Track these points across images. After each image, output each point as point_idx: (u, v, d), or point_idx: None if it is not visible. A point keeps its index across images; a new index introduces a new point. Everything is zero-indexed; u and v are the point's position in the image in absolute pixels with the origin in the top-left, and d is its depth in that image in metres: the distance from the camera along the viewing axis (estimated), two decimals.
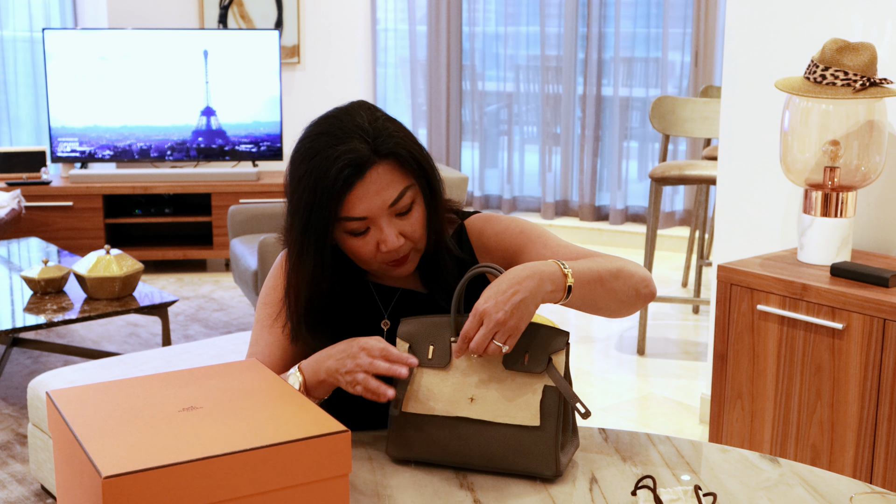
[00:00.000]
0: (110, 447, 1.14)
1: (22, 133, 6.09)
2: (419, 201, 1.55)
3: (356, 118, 1.51)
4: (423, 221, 1.56)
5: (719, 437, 2.73)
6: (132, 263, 3.74)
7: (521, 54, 6.61)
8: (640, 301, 1.59)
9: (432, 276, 1.63)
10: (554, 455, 1.41)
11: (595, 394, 3.79)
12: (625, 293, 1.55)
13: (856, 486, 1.42)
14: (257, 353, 1.62)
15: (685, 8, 6.03)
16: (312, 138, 1.52)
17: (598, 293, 1.52)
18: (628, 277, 1.56)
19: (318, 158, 1.49)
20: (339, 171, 1.46)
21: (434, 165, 1.58)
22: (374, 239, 1.52)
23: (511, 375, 1.43)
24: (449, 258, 1.63)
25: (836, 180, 2.61)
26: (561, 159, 6.49)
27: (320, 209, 1.48)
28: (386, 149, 1.49)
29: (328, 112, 1.55)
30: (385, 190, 1.49)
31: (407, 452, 1.46)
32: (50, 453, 2.85)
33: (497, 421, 1.43)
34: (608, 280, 1.53)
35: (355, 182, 1.47)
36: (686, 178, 4.14)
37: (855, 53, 2.47)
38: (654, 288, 1.61)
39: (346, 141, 1.48)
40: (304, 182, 1.50)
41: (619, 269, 1.55)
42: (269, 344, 1.62)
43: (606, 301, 1.55)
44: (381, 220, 1.51)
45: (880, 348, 2.36)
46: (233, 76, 5.61)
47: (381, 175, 1.49)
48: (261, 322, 1.64)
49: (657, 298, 4.24)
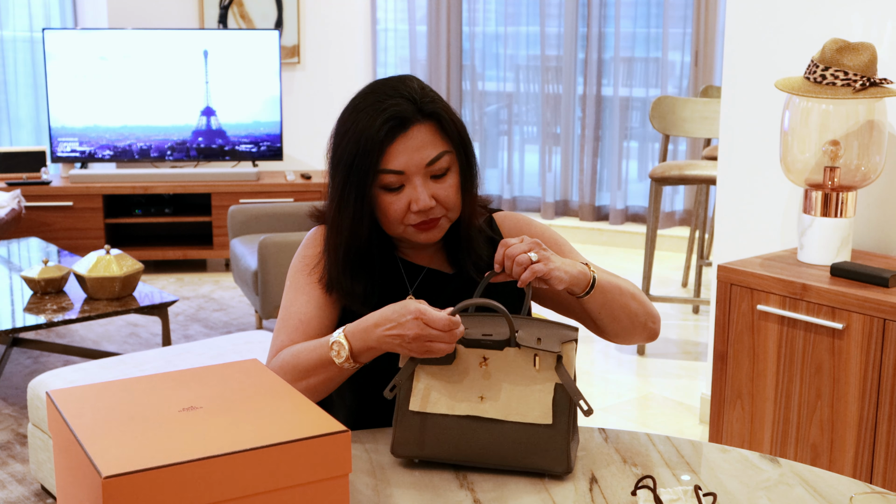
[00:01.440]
0: (110, 447, 1.14)
1: (22, 133, 6.09)
2: (455, 169, 1.60)
3: (406, 82, 1.59)
4: (458, 190, 1.61)
5: (719, 437, 2.73)
6: (132, 263, 3.74)
7: (521, 54, 6.61)
8: (644, 333, 1.67)
9: (462, 253, 1.66)
10: (566, 452, 1.42)
11: (595, 394, 3.80)
12: (637, 316, 1.64)
13: (856, 486, 1.42)
14: (293, 314, 1.63)
15: (685, 8, 6.03)
16: (362, 97, 1.60)
17: (616, 303, 1.60)
18: (644, 304, 1.65)
19: (365, 111, 1.56)
20: (384, 123, 1.53)
21: (472, 148, 1.64)
22: (407, 197, 1.57)
23: (522, 373, 1.43)
24: (481, 238, 1.68)
25: (836, 180, 2.61)
26: (561, 159, 6.49)
27: (363, 157, 1.55)
28: (430, 109, 1.57)
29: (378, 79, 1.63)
30: (425, 148, 1.56)
31: (413, 451, 1.45)
32: (50, 453, 2.85)
33: (509, 419, 1.43)
34: (627, 296, 1.62)
35: (398, 135, 1.54)
36: (686, 178, 4.14)
37: (855, 53, 2.47)
38: (659, 329, 1.70)
39: (393, 98, 1.56)
40: (350, 133, 1.57)
41: (637, 291, 1.65)
42: (305, 302, 1.63)
43: (620, 314, 1.62)
44: (417, 178, 1.56)
45: (880, 348, 2.36)
46: (233, 76, 5.61)
47: (423, 133, 1.56)
48: (294, 286, 1.66)
49: (657, 298, 4.24)
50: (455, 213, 1.62)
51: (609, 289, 1.59)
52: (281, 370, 1.55)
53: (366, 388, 1.62)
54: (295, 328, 1.62)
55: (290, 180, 5.59)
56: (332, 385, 1.54)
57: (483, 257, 1.66)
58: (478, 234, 1.67)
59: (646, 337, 1.68)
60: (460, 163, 1.61)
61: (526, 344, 1.42)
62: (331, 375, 1.51)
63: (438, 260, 1.70)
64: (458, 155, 1.60)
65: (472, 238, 1.66)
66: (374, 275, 1.64)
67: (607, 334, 1.66)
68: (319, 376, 1.52)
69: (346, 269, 1.62)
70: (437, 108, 1.57)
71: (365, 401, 1.65)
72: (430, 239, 1.62)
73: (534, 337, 1.44)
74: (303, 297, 1.64)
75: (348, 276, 1.62)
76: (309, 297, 1.64)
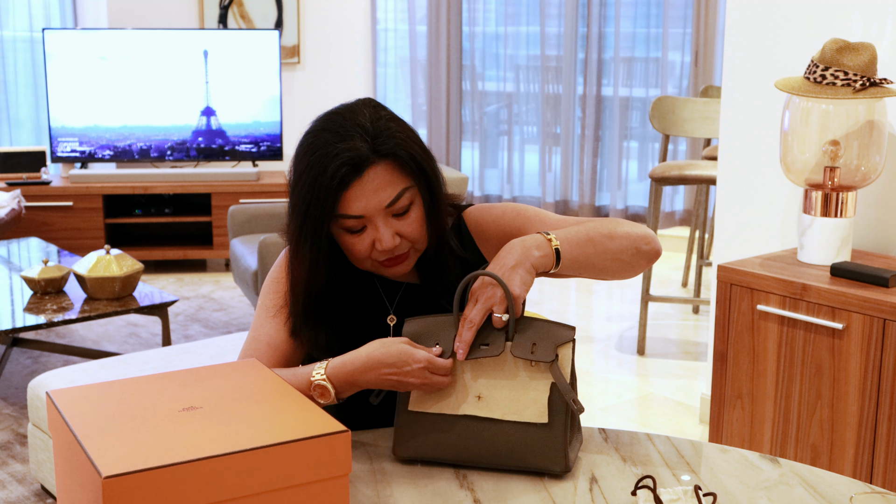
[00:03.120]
0: (110, 447, 1.14)
1: (22, 133, 6.09)
2: (418, 202, 1.55)
3: (359, 117, 1.51)
4: (423, 222, 1.55)
5: (719, 437, 2.73)
6: (132, 263, 3.74)
7: (521, 54, 6.61)
8: (642, 259, 1.59)
9: (433, 274, 1.63)
10: (563, 451, 1.42)
11: (595, 394, 3.79)
12: (624, 252, 1.56)
13: (856, 486, 1.42)
14: (258, 337, 1.61)
15: (685, 8, 6.03)
16: (314, 134, 1.52)
17: (591, 254, 1.53)
18: (624, 236, 1.56)
19: (318, 154, 1.49)
20: (337, 169, 1.47)
21: (436, 167, 1.58)
22: (370, 237, 1.52)
23: (518, 373, 1.43)
24: (451, 257, 1.63)
25: (836, 180, 2.61)
26: (561, 159, 6.49)
27: (317, 205, 1.49)
28: (385, 149, 1.49)
29: (333, 108, 1.56)
30: (382, 190, 1.50)
31: (414, 452, 1.46)
32: (50, 453, 2.85)
33: (505, 419, 1.43)
34: (600, 241, 1.54)
35: (352, 180, 1.48)
36: (686, 178, 4.14)
37: (855, 53, 2.47)
38: (658, 245, 1.60)
39: (346, 139, 1.48)
40: (303, 177, 1.50)
41: (611, 229, 1.56)
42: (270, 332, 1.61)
43: (604, 261, 1.55)
44: (378, 220, 1.51)
45: (880, 348, 2.36)
46: (233, 76, 5.61)
47: (379, 175, 1.49)
48: (265, 308, 1.63)
49: (657, 298, 4.24)
50: (422, 244, 1.57)
51: (578, 243, 1.52)
52: None
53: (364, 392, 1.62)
54: (264, 352, 1.59)
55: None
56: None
57: (452, 280, 1.61)
58: (448, 254, 1.63)
59: (646, 261, 1.59)
60: (422, 195, 1.55)
61: (519, 355, 1.43)
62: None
63: (414, 275, 1.67)
64: (419, 188, 1.54)
65: (443, 263, 1.62)
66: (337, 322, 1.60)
67: (609, 279, 1.61)
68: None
69: (307, 318, 1.58)
70: (392, 144, 1.49)
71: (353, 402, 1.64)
72: (400, 272, 1.58)
73: (529, 342, 1.44)
74: (270, 323, 1.61)
75: (310, 325, 1.58)
76: (275, 327, 1.61)
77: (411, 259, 1.58)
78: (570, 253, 1.51)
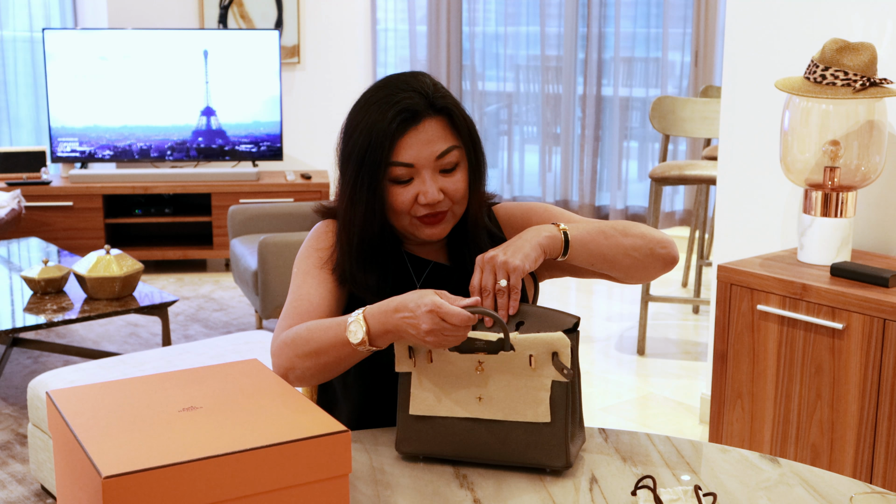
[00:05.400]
0: (110, 447, 1.14)
1: (22, 133, 6.09)
2: (463, 165, 1.62)
3: (419, 77, 1.61)
4: (466, 185, 1.62)
5: (719, 437, 2.73)
6: (132, 263, 3.74)
7: (521, 54, 6.61)
8: (657, 262, 1.62)
9: (463, 254, 1.67)
10: (564, 447, 1.42)
11: (595, 394, 3.80)
12: (636, 250, 1.60)
13: (856, 486, 1.42)
14: (302, 296, 1.62)
15: (685, 8, 6.03)
16: (374, 90, 1.61)
17: (603, 246, 1.59)
18: (639, 236, 1.61)
19: (377, 104, 1.58)
20: (396, 115, 1.55)
21: (481, 145, 1.66)
22: (415, 189, 1.58)
23: (519, 371, 1.43)
24: (482, 240, 1.68)
25: (836, 180, 2.61)
26: (561, 159, 6.49)
27: (374, 150, 1.56)
28: (441, 104, 1.58)
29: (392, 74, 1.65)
30: (435, 142, 1.57)
31: (417, 448, 1.47)
32: (50, 453, 2.85)
33: (508, 419, 1.43)
34: (612, 234, 1.60)
35: (409, 128, 1.56)
36: (686, 178, 4.14)
37: (855, 53, 2.47)
38: (675, 252, 1.64)
39: (405, 92, 1.58)
40: (361, 126, 1.58)
41: (626, 227, 1.62)
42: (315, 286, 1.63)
43: (615, 255, 1.60)
44: (426, 172, 1.58)
45: (880, 348, 2.36)
46: (233, 76, 5.61)
47: (434, 127, 1.58)
48: (303, 272, 1.65)
49: (657, 298, 4.24)
50: (461, 207, 1.63)
51: (589, 232, 1.59)
52: (292, 343, 1.52)
53: (372, 386, 1.62)
54: (306, 311, 1.60)
55: (290, 180, 5.59)
56: (340, 367, 1.52)
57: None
58: (482, 230, 1.69)
59: (661, 265, 1.63)
60: (469, 159, 1.63)
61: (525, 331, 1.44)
62: (342, 356, 1.49)
63: (443, 254, 1.71)
64: (467, 151, 1.62)
65: (478, 235, 1.68)
66: (385, 267, 1.65)
67: (620, 279, 1.64)
68: (331, 356, 1.49)
69: (359, 261, 1.63)
70: (448, 103, 1.59)
71: (371, 399, 1.65)
72: (435, 235, 1.62)
73: (534, 327, 1.45)
74: (312, 280, 1.64)
75: (361, 268, 1.63)
76: (319, 282, 1.63)
77: (448, 222, 1.63)
78: (579, 239, 1.57)
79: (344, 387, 1.68)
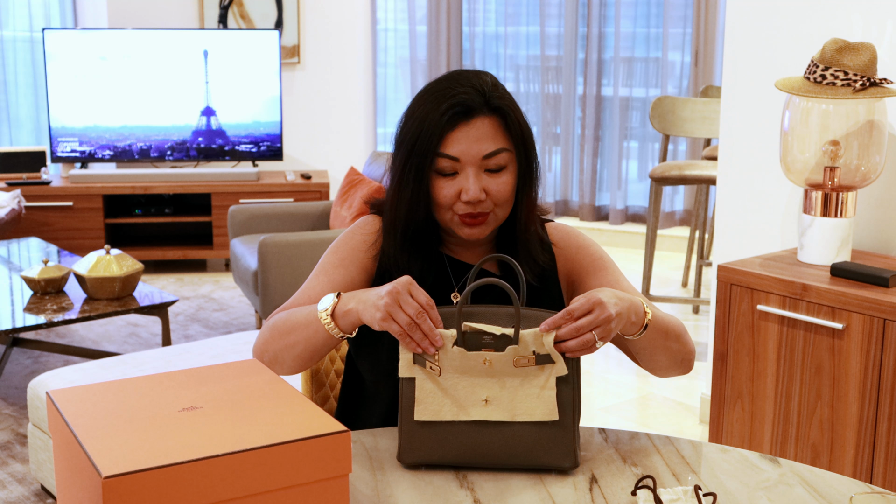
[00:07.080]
0: (110, 447, 1.14)
1: (22, 133, 6.09)
2: (512, 169, 1.60)
3: (481, 76, 1.61)
4: (512, 189, 1.60)
5: (719, 437, 2.73)
6: (132, 263, 3.74)
7: (521, 54, 6.61)
8: (679, 369, 1.66)
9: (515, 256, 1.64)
10: (573, 447, 1.42)
11: (595, 394, 3.79)
12: (675, 355, 1.62)
13: (856, 486, 1.42)
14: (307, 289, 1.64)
15: (685, 8, 6.03)
16: (435, 82, 1.62)
17: (661, 345, 1.58)
18: (686, 343, 1.63)
19: (434, 96, 1.58)
20: (449, 108, 1.55)
21: (535, 151, 1.64)
22: (458, 185, 1.57)
23: (524, 371, 1.42)
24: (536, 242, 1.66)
25: (836, 180, 2.61)
26: (561, 159, 6.49)
27: (424, 140, 1.56)
28: (497, 104, 1.58)
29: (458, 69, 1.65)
30: (484, 140, 1.56)
31: (420, 458, 1.44)
32: (50, 453, 2.85)
33: (516, 420, 1.42)
34: (672, 337, 1.60)
35: (459, 122, 1.56)
36: (686, 178, 4.14)
37: (855, 53, 2.47)
38: (692, 364, 1.67)
39: (464, 86, 1.58)
40: (416, 114, 1.59)
41: (683, 331, 1.63)
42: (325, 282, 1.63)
43: (662, 355, 1.60)
44: (471, 168, 1.57)
45: (880, 348, 2.36)
46: (233, 76, 5.61)
47: (486, 126, 1.57)
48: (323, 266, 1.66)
49: (657, 298, 4.24)
50: (504, 211, 1.61)
51: (659, 330, 1.56)
52: (272, 325, 1.57)
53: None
54: (304, 302, 1.62)
55: (290, 180, 5.59)
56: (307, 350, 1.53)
57: (538, 262, 1.65)
58: (534, 237, 1.66)
59: (680, 372, 1.66)
60: (519, 163, 1.60)
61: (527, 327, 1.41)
62: (309, 335, 1.51)
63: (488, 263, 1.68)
64: (517, 154, 1.60)
65: (529, 241, 1.65)
66: (429, 261, 1.65)
67: (642, 365, 1.65)
68: (299, 334, 1.52)
69: (403, 246, 1.63)
70: (504, 104, 1.58)
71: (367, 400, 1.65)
72: (475, 235, 1.61)
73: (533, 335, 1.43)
74: (325, 279, 1.64)
75: (405, 253, 1.63)
76: (330, 279, 1.64)
77: (489, 224, 1.61)
78: (651, 334, 1.55)
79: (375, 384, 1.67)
